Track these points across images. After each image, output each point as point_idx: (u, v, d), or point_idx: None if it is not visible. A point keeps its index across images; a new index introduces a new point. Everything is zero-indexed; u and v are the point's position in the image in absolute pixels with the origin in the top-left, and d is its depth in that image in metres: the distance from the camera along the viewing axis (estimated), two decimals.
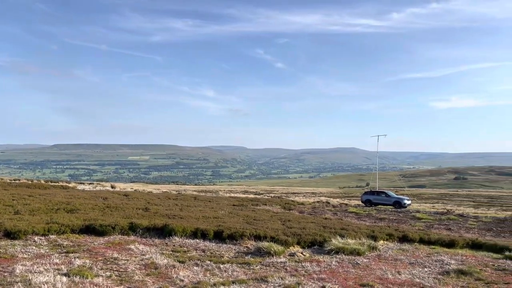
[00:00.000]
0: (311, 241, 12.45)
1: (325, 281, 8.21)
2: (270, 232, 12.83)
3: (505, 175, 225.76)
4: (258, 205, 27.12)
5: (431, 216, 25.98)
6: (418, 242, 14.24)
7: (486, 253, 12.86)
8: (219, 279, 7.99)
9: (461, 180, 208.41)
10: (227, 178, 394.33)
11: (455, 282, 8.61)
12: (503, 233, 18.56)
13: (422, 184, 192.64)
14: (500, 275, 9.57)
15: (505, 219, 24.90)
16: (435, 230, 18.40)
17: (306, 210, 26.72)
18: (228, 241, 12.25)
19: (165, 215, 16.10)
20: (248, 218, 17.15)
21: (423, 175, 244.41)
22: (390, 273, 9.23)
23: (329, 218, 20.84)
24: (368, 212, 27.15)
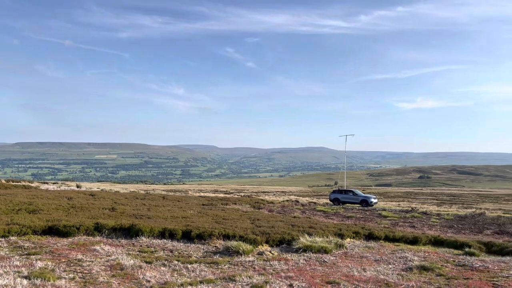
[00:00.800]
0: (279, 240, 12.54)
1: (292, 279, 8.29)
2: (239, 231, 12.82)
3: (466, 174, 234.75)
4: (227, 204, 27.06)
5: (397, 214, 26.69)
6: (383, 239, 14.61)
7: (447, 249, 13.34)
8: (186, 279, 7.92)
9: (425, 179, 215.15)
10: (197, 177, 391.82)
11: (417, 278, 8.88)
12: (464, 230, 19.29)
13: (388, 182, 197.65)
14: (460, 271, 9.93)
15: (465, 217, 25.86)
16: (400, 227, 18.90)
17: (276, 209, 26.88)
18: (197, 240, 12.17)
19: (133, 215, 15.82)
20: (217, 218, 17.09)
21: (389, 174, 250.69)
22: (356, 270, 9.42)
23: (297, 216, 21.04)
24: (336, 211, 27.59)
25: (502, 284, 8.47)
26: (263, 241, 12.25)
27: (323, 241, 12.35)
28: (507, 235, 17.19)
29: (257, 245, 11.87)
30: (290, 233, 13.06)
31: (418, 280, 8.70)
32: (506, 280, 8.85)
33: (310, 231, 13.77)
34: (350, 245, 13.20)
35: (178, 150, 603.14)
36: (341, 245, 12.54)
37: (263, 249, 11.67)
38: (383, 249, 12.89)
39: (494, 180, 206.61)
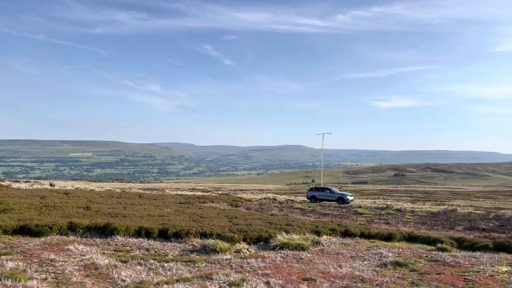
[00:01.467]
0: (257, 237, 12.56)
1: (269, 276, 8.32)
2: (216, 229, 12.78)
3: (439, 171, 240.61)
4: (205, 203, 26.95)
5: (372, 211, 27.12)
6: (359, 236, 14.82)
7: (420, 245, 13.64)
8: (163, 278, 7.84)
9: (400, 176, 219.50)
10: (175, 175, 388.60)
11: (391, 274, 9.05)
12: (436, 226, 19.76)
13: (364, 180, 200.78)
14: (433, 266, 10.18)
15: (438, 213, 26.52)
16: (375, 224, 19.21)
17: (253, 206, 26.93)
18: (173, 239, 12.06)
19: (108, 214, 15.56)
20: (194, 216, 17.00)
21: (365, 172, 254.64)
22: (332, 267, 9.53)
23: (275, 214, 21.13)
24: (313, 208, 27.84)
25: (473, 278, 8.72)
26: (240, 239, 12.25)
27: (300, 238, 12.44)
28: (477, 231, 17.70)
29: (235, 243, 11.85)
30: (268, 231, 13.10)
31: (392, 275, 8.86)
32: (476, 275, 9.11)
33: (287, 229, 13.85)
34: (326, 242, 13.34)
35: (155, 148, 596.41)
36: (318, 242, 12.66)
37: (240, 247, 11.67)
38: (359, 245, 13.08)
39: (466, 178, 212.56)
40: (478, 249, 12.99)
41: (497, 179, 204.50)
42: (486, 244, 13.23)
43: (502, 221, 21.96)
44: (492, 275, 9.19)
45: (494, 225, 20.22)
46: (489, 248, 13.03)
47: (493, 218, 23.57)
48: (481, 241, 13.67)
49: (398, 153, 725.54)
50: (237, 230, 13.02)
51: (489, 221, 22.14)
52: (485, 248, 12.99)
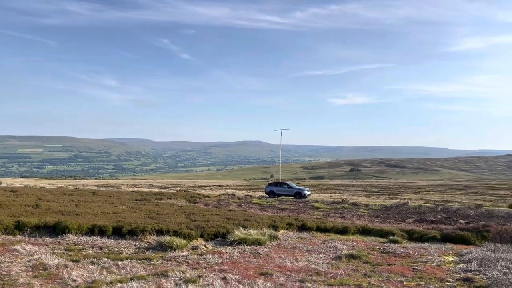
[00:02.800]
0: (214, 233, 12.51)
1: (226, 272, 8.30)
2: (173, 226, 12.60)
3: (392, 166, 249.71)
4: (162, 199, 26.52)
5: (328, 205, 27.73)
6: (315, 230, 15.11)
7: (374, 238, 14.09)
8: (116, 277, 7.63)
9: (356, 171, 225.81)
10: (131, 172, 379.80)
11: (346, 266, 9.28)
12: (389, 219, 20.50)
13: (321, 175, 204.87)
14: (385, 257, 10.54)
15: (391, 207, 27.52)
16: (331, 218, 19.65)
17: (212, 202, 26.80)
18: (128, 237, 11.78)
19: (59, 212, 14.96)
20: (150, 213, 16.68)
21: (322, 167, 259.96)
22: (289, 260, 9.65)
23: (233, 210, 21.13)
24: (271, 203, 28.09)
25: (421, 268, 9.11)
26: (197, 235, 12.15)
27: (257, 233, 12.50)
28: (426, 223, 18.53)
29: (192, 240, 11.74)
30: (225, 227, 13.07)
31: (346, 268, 9.09)
32: (424, 265, 9.53)
33: (245, 224, 13.88)
34: (283, 236, 13.50)
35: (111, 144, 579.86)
36: (275, 236, 12.78)
37: (197, 243, 11.57)
38: (315, 239, 13.33)
39: (417, 172, 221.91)
40: (427, 240, 13.59)
41: (446, 174, 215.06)
42: (434, 236, 13.87)
43: (449, 213, 23.12)
44: (439, 264, 9.65)
45: (442, 217, 21.25)
46: (437, 239, 13.67)
47: (441, 211, 24.76)
48: (430, 232, 14.32)
49: (354, 149, 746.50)
50: (194, 226, 12.91)
51: (437, 213, 23.24)
52: (433, 239, 13.62)
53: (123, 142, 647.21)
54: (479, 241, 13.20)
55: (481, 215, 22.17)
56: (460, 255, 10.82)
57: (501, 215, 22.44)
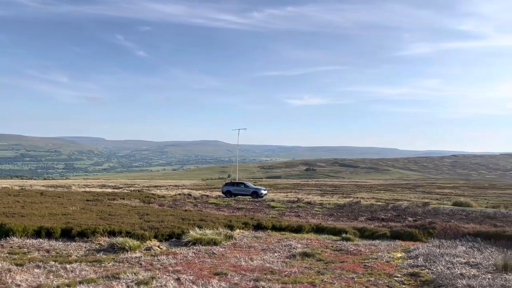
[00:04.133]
0: (169, 234, 12.31)
1: (180, 272, 8.19)
2: (126, 227, 12.28)
3: (346, 166, 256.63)
4: (115, 200, 25.78)
5: (284, 204, 28.04)
6: (271, 229, 15.24)
7: (327, 236, 14.41)
8: (64, 280, 7.33)
9: (311, 171, 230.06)
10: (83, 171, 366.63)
11: (300, 264, 9.43)
12: (342, 217, 21.03)
13: (278, 175, 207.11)
14: (337, 255, 10.81)
15: (344, 205, 28.25)
16: (286, 217, 19.88)
17: (167, 203, 26.35)
18: (78, 239, 11.35)
19: (3, 214, 14.17)
20: (102, 214, 16.16)
21: (279, 167, 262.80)
22: (244, 260, 9.67)
23: (189, 210, 20.89)
24: (228, 203, 28.03)
25: (372, 265, 9.42)
26: (151, 236, 11.91)
27: (213, 233, 12.44)
28: (377, 221, 19.18)
29: (145, 241, 11.50)
30: (180, 227, 12.90)
31: (300, 266, 9.24)
32: (374, 261, 9.86)
33: (200, 224, 13.76)
34: (239, 236, 13.51)
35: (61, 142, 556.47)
36: (231, 236, 12.77)
37: (151, 244, 11.35)
38: (270, 238, 13.45)
39: (369, 172, 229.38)
40: (378, 237, 14.08)
41: (396, 173, 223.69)
42: (384, 233, 14.40)
43: (398, 211, 24.05)
44: (388, 261, 10.02)
45: (392, 215, 22.07)
46: (387, 236, 14.19)
47: (391, 209, 25.72)
48: (380, 230, 14.84)
49: (310, 149, 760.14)
50: (148, 227, 12.64)
51: (388, 211, 24.11)
52: (384, 236, 14.14)
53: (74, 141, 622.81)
54: (425, 237, 13.83)
55: (428, 213, 23.23)
56: (408, 251, 11.29)
57: (446, 212, 23.63)
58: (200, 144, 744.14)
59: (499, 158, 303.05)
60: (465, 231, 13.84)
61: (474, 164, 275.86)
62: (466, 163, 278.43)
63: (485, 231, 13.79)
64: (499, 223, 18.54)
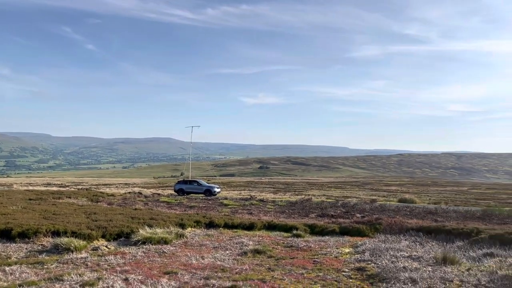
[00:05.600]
0: (117, 233, 11.97)
1: (128, 272, 7.98)
2: (71, 226, 11.79)
3: (298, 164, 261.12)
4: (61, 198, 24.67)
5: (237, 202, 28.08)
6: (223, 227, 15.21)
7: (279, 233, 14.58)
8: (2, 284, 6.93)
9: (265, 169, 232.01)
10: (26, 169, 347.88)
11: (251, 261, 9.48)
12: (294, 214, 21.37)
13: (232, 173, 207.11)
14: (288, 251, 10.97)
15: (296, 203, 28.72)
16: (239, 215, 19.92)
17: (116, 201, 25.59)
18: (19, 239, 10.76)
19: None
20: (46, 213, 15.41)
21: (233, 165, 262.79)
22: (195, 258, 9.58)
23: (139, 208, 20.41)
24: (180, 201, 27.67)
25: (321, 260, 9.65)
26: (99, 235, 11.53)
27: (163, 232, 12.23)
28: (327, 217, 19.66)
29: (92, 240, 11.11)
30: (130, 226, 12.58)
31: (251, 263, 9.29)
32: (324, 257, 10.11)
33: (151, 223, 13.49)
34: (190, 234, 13.38)
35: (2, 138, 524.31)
36: (182, 234, 12.62)
37: (99, 244, 10.98)
38: (222, 236, 13.42)
39: (321, 170, 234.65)
40: (327, 233, 14.44)
41: (346, 171, 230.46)
42: (334, 229, 14.79)
43: (347, 208, 24.80)
44: (337, 256, 10.30)
45: (341, 211, 22.72)
46: (336, 232, 14.58)
47: (341, 206, 26.48)
48: (330, 226, 15.22)
49: (263, 147, 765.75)
50: (95, 226, 12.22)
51: (337, 208, 24.80)
52: (333, 233, 14.52)
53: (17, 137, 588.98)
54: (372, 233, 14.35)
55: (375, 209, 24.13)
56: (356, 246, 11.67)
57: (392, 208, 24.67)
58: (152, 141, 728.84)
59: (440, 157, 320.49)
60: (409, 226, 14.49)
61: (418, 162, 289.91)
62: (411, 162, 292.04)
63: (427, 226, 14.52)
64: (440, 218, 19.63)
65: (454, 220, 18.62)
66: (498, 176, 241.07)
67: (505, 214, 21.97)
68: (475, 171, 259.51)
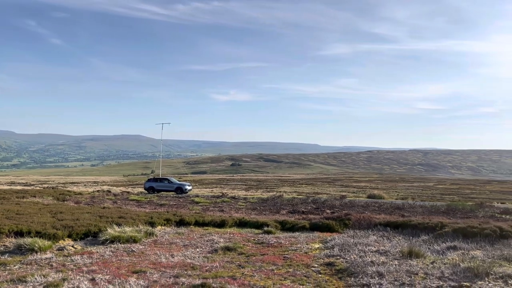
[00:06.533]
0: (84, 233, 11.70)
1: (95, 272, 7.80)
2: (36, 226, 11.41)
3: (270, 161, 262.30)
4: (25, 197, 23.86)
5: (209, 199, 27.97)
6: (194, 224, 15.10)
7: (250, 230, 14.61)
8: None
9: (237, 166, 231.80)
10: None
11: (221, 259, 9.45)
12: (265, 211, 21.48)
13: (204, 170, 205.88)
14: (259, 248, 11.00)
15: (267, 199, 28.87)
16: (210, 212, 19.84)
17: (84, 200, 24.99)
18: None
19: None
20: (9, 213, 14.85)
21: (205, 162, 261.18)
22: (164, 257, 9.46)
23: (107, 207, 20.00)
24: (150, 199, 27.31)
25: (291, 256, 9.73)
26: (65, 235, 11.23)
27: (132, 230, 12.04)
28: (298, 214, 19.86)
29: (58, 240, 10.81)
30: (97, 225, 12.31)
31: (222, 260, 9.26)
32: (294, 253, 10.20)
33: (119, 221, 13.24)
34: (160, 232, 13.22)
35: None
36: (152, 233, 12.46)
37: (65, 244, 10.69)
38: (193, 234, 13.32)
39: (292, 167, 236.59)
40: (298, 229, 14.59)
41: (317, 168, 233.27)
42: (304, 225, 14.95)
43: (318, 204, 25.13)
44: (307, 252, 10.42)
45: (312, 207, 23.00)
46: (306, 228, 14.75)
47: (311, 202, 26.80)
48: (300, 222, 15.38)
49: (235, 144, 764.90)
50: (61, 226, 11.88)
51: (308, 204, 25.09)
52: (303, 229, 14.68)
53: None
54: (341, 228, 14.60)
55: (345, 205, 24.56)
56: (325, 242, 11.83)
57: (361, 204, 25.18)
58: (121, 138, 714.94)
59: (408, 154, 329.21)
60: (377, 221, 14.83)
61: (387, 159, 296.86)
62: (380, 158, 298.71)
63: (394, 221, 14.90)
64: (407, 213, 20.18)
65: (420, 215, 19.18)
66: (461, 172, 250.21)
67: (468, 208, 22.83)
68: (441, 167, 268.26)
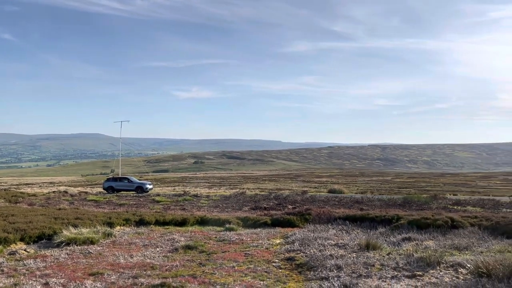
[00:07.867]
0: (38, 236, 11.26)
1: (49, 276, 7.52)
2: None
3: (233, 158, 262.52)
4: None
5: (170, 198, 27.61)
6: (154, 224, 14.86)
7: (211, 227, 14.53)
8: None
9: (200, 164, 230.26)
10: None
11: (182, 257, 9.36)
12: (227, 208, 21.45)
13: (165, 168, 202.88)
14: (220, 245, 10.98)
15: (230, 196, 28.86)
16: (171, 211, 19.57)
17: (38, 201, 24.01)
18: None
19: None
20: None
21: (166, 160, 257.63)
22: (123, 257, 9.26)
23: (64, 208, 19.30)
24: (109, 199, 26.64)
25: (252, 252, 9.78)
26: (17, 239, 10.75)
27: (90, 231, 11.69)
28: (260, 210, 19.96)
29: (9, 244, 10.35)
30: (52, 227, 11.86)
31: (182, 259, 9.18)
32: (255, 249, 10.25)
33: (76, 223, 12.81)
34: (119, 233, 12.92)
35: None
36: (110, 233, 12.15)
37: (16, 247, 10.25)
38: (153, 233, 13.11)
39: (255, 163, 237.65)
40: (260, 225, 14.66)
41: (280, 164, 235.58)
42: (266, 221, 15.05)
43: (280, 200, 25.39)
44: (268, 247, 10.50)
45: (274, 203, 23.21)
46: (268, 224, 14.86)
47: (274, 198, 27.04)
48: (262, 218, 15.47)
49: (198, 142, 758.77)
50: (13, 229, 11.35)
51: (270, 200, 25.30)
52: (265, 225, 14.78)
53: None
54: (302, 223, 14.80)
55: (306, 200, 24.95)
56: (286, 237, 11.97)
57: (322, 199, 25.65)
58: (78, 137, 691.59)
59: (367, 149, 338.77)
60: (337, 215, 15.16)
61: (347, 154, 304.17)
62: (340, 154, 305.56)
63: (353, 214, 15.29)
64: (365, 207, 20.76)
65: (378, 208, 19.79)
66: (417, 166, 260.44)
67: (423, 200, 23.77)
68: (398, 161, 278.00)
